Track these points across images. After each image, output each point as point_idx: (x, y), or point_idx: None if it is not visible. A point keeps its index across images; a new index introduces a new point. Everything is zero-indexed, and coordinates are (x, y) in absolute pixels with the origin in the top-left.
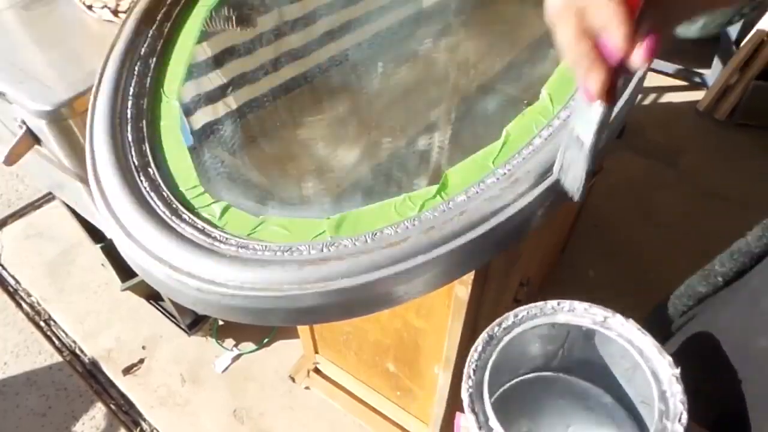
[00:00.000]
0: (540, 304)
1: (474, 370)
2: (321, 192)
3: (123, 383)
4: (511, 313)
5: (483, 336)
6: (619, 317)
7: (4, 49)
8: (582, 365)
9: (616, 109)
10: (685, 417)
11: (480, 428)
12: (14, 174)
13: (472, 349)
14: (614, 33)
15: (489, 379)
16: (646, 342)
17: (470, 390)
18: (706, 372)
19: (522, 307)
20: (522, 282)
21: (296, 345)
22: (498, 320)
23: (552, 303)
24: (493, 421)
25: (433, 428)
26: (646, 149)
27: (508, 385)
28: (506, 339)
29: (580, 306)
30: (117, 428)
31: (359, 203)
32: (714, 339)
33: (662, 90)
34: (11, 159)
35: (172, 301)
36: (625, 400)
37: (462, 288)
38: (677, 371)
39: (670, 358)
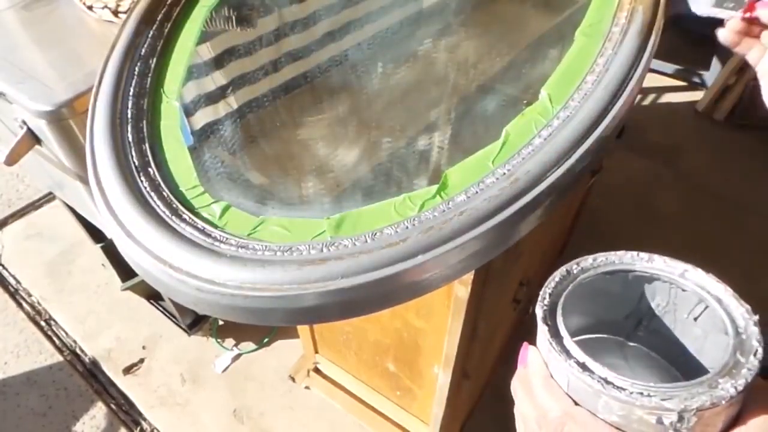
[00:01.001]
0: (620, 252)
1: (549, 295)
2: (321, 192)
3: (123, 383)
4: (590, 257)
5: (561, 270)
6: (699, 271)
7: (4, 49)
8: (652, 335)
9: (616, 108)
10: (761, 352)
11: (552, 338)
12: (14, 174)
13: (549, 278)
14: None
15: (562, 307)
16: (724, 290)
17: (545, 308)
18: None
19: (601, 254)
20: (522, 282)
21: (296, 345)
22: (576, 260)
23: (632, 253)
24: (566, 336)
25: (433, 428)
26: (646, 149)
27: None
28: (581, 278)
29: (659, 258)
30: (117, 428)
31: (359, 203)
32: None
33: (662, 90)
34: (12, 159)
35: (172, 301)
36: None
37: (462, 288)
38: (756, 317)
39: (748, 306)
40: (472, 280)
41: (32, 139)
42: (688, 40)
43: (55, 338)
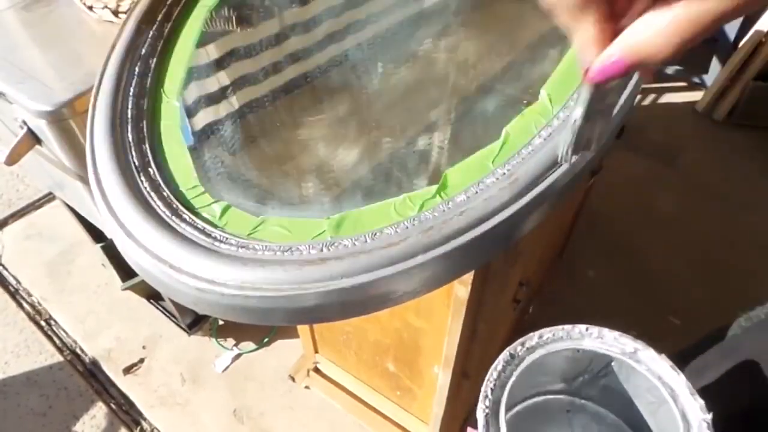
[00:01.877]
0: (567, 327)
1: (492, 390)
2: (321, 192)
3: (123, 383)
4: (536, 334)
5: (504, 355)
6: (651, 351)
7: (4, 49)
8: (602, 391)
9: (616, 108)
10: None
11: None
12: (15, 174)
13: (492, 367)
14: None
15: (506, 399)
16: (679, 381)
17: (486, 411)
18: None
19: (547, 329)
20: (522, 282)
21: (296, 345)
22: (521, 340)
23: (580, 327)
24: None
25: (433, 428)
26: (646, 149)
27: (522, 405)
28: (528, 359)
29: (609, 334)
30: (117, 428)
31: (359, 203)
32: None
33: (661, 90)
34: (12, 159)
35: (172, 301)
36: (629, 419)
37: (462, 288)
38: (709, 417)
39: (702, 402)
40: (472, 280)
41: (32, 139)
42: None
43: (55, 338)
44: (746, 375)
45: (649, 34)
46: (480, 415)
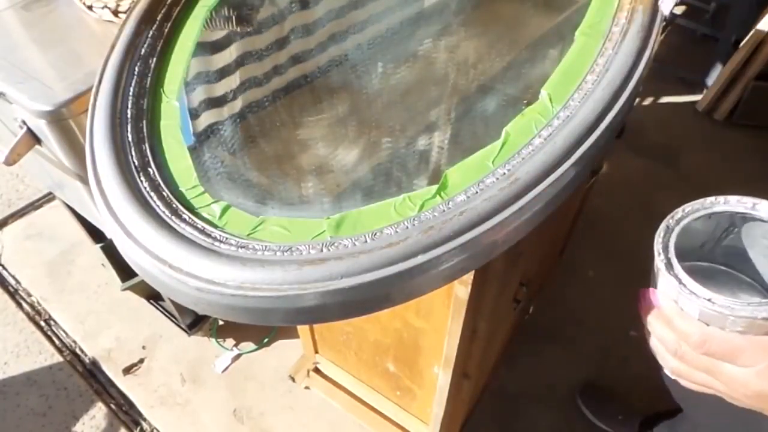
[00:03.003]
0: (699, 200)
1: (663, 249)
2: (321, 192)
3: (123, 383)
4: (680, 209)
5: (662, 226)
6: (765, 202)
7: (4, 49)
8: (725, 255)
9: (616, 108)
10: None
11: (680, 284)
12: (14, 174)
13: (657, 234)
14: None
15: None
16: None
17: (665, 262)
18: None
19: (686, 204)
20: (522, 282)
21: (296, 345)
22: (671, 214)
23: (710, 198)
24: (688, 280)
25: (433, 428)
26: (646, 149)
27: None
28: (677, 229)
29: (732, 198)
30: (117, 428)
31: (359, 203)
32: None
33: (662, 90)
34: (11, 159)
35: (172, 301)
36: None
37: (462, 288)
38: None
39: None
40: (472, 280)
41: (32, 139)
42: (688, 40)
43: (55, 338)
44: None
45: None
46: (660, 265)
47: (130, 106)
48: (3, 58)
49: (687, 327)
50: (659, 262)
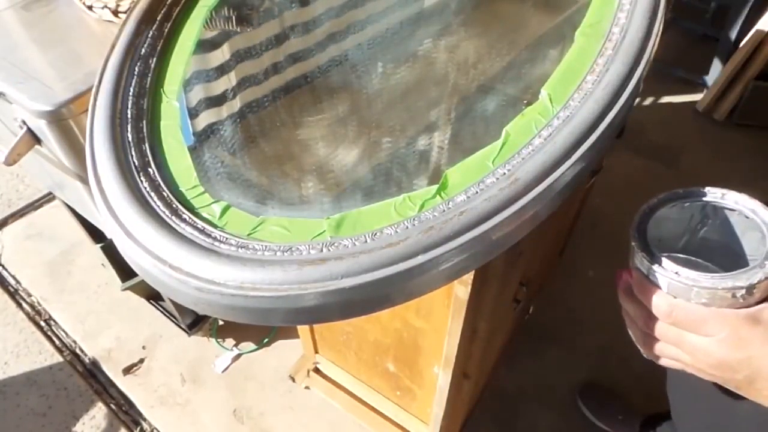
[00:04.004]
0: (674, 191)
1: (637, 232)
2: (321, 192)
3: (123, 383)
4: (655, 197)
5: (639, 212)
6: (733, 192)
7: (4, 49)
8: (702, 246)
9: (616, 108)
10: None
11: (651, 261)
12: (14, 174)
13: (635, 218)
14: None
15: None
16: (756, 204)
17: (639, 241)
18: None
19: (661, 193)
20: (522, 282)
21: (296, 345)
22: (646, 202)
23: (681, 189)
24: (656, 255)
25: (433, 428)
26: (646, 149)
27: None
28: (651, 213)
29: (702, 189)
30: (117, 428)
31: (359, 203)
32: None
33: (662, 90)
34: (11, 159)
35: (172, 301)
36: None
37: (462, 288)
38: None
39: None
40: (472, 280)
41: (32, 139)
42: (688, 40)
43: (55, 338)
44: None
45: None
46: (635, 244)
47: (130, 106)
48: (3, 58)
49: (656, 299)
50: (632, 241)
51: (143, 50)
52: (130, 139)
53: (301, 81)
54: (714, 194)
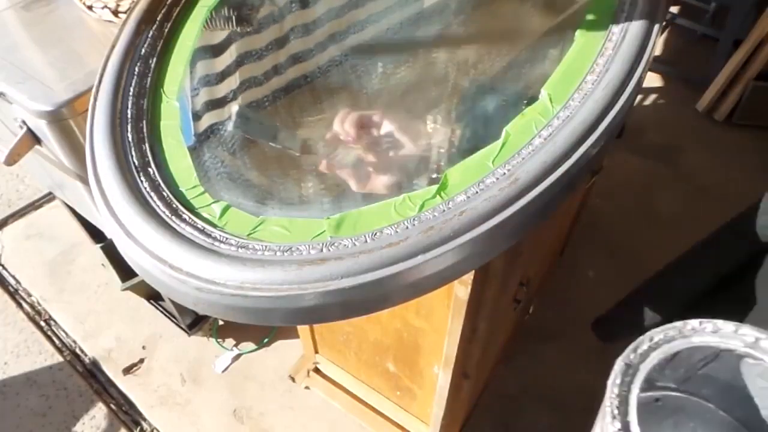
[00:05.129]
0: (679, 324)
1: (617, 407)
2: (321, 192)
3: (123, 383)
4: (646, 337)
5: (619, 365)
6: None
7: (4, 49)
8: (704, 384)
9: (616, 108)
10: None
11: None
12: (14, 174)
13: (609, 383)
14: None
15: (635, 413)
16: None
17: (617, 415)
18: None
19: (657, 329)
20: (522, 282)
21: (296, 345)
22: (632, 346)
23: (693, 323)
24: None
25: (433, 428)
26: (646, 149)
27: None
28: (643, 368)
29: (726, 326)
30: (117, 428)
31: (359, 203)
32: None
33: (662, 90)
34: (11, 159)
35: (172, 301)
36: (747, 420)
37: (462, 288)
38: None
39: None
40: (472, 280)
41: (32, 139)
42: (688, 40)
43: (55, 338)
44: None
45: None
46: (610, 420)
47: (130, 106)
48: (3, 58)
49: None
50: (609, 416)
51: (143, 50)
52: (130, 139)
53: (301, 81)
54: (744, 338)
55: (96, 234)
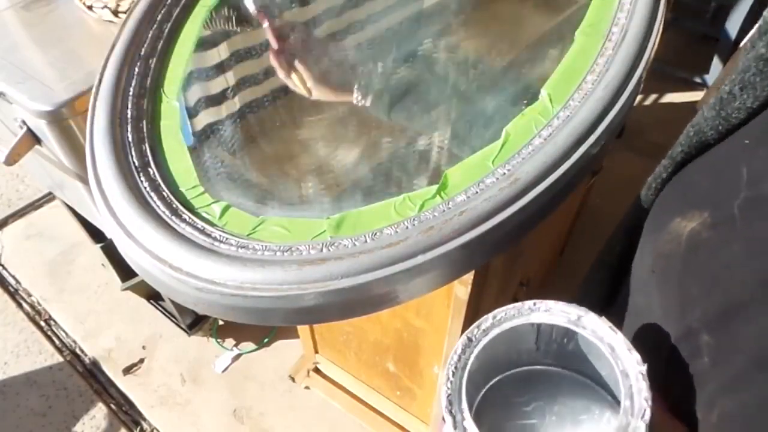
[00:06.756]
0: (518, 305)
1: (453, 373)
2: (321, 192)
3: (123, 383)
4: (490, 315)
5: (462, 339)
6: (592, 315)
7: (4, 49)
8: (569, 358)
9: (616, 108)
10: (648, 414)
11: (455, 428)
12: (14, 174)
13: (452, 352)
14: None
15: (472, 379)
16: (617, 340)
17: (449, 393)
18: None
19: (500, 309)
20: (522, 282)
21: (296, 345)
22: (477, 322)
23: (529, 303)
24: (469, 422)
25: (433, 428)
26: (646, 149)
27: (494, 381)
28: (484, 341)
29: (556, 306)
30: (117, 428)
31: (359, 203)
32: None
33: (662, 90)
34: (11, 159)
35: (172, 301)
36: (608, 388)
37: (462, 288)
38: (644, 368)
39: (638, 356)
40: (472, 280)
41: (32, 139)
42: (688, 40)
43: (55, 338)
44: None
45: None
46: (443, 398)
47: (130, 106)
48: (3, 58)
49: None
50: (443, 393)
51: (143, 50)
52: (130, 139)
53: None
54: (568, 315)
55: (96, 234)
